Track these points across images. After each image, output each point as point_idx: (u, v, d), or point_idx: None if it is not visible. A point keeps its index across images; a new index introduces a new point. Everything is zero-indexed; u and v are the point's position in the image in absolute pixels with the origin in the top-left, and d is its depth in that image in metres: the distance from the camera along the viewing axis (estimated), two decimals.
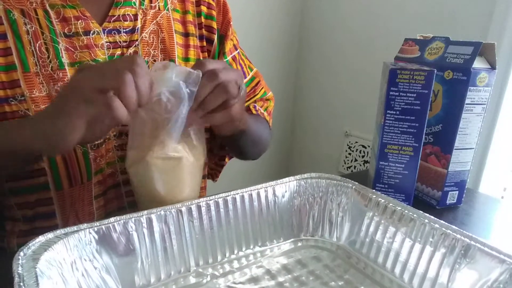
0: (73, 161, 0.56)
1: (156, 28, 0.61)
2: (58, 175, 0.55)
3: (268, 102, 0.79)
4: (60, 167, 0.55)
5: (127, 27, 0.59)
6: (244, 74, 0.74)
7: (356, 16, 1.69)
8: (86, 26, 0.56)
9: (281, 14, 1.87)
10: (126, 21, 0.59)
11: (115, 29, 0.58)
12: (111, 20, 0.58)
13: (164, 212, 0.43)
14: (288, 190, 0.52)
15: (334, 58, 1.83)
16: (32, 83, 0.53)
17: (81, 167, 0.56)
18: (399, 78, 0.56)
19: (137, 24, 0.60)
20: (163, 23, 0.62)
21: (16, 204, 0.57)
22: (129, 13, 0.59)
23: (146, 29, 0.61)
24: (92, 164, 0.57)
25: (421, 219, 0.44)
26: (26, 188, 0.55)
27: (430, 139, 0.64)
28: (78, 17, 0.55)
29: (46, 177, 0.55)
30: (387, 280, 0.45)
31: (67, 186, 0.56)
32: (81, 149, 0.56)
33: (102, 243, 0.39)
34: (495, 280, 0.38)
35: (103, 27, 0.57)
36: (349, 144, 1.82)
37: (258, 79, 0.77)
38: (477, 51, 0.57)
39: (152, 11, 0.61)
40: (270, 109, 0.79)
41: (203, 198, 0.46)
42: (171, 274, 0.44)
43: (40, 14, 0.54)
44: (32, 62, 0.53)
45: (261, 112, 0.75)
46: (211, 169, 0.78)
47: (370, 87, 1.62)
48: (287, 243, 0.52)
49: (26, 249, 0.34)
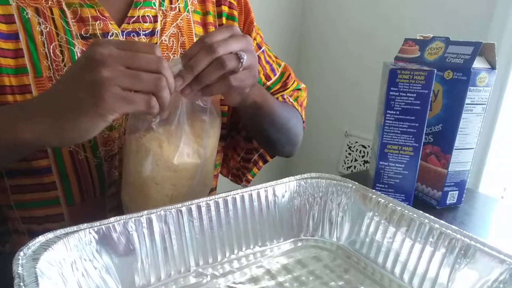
0: (86, 174, 0.53)
1: (176, 31, 0.58)
2: (70, 189, 0.53)
3: (299, 92, 0.75)
4: (72, 180, 0.52)
5: (147, 29, 0.56)
6: (274, 71, 0.71)
7: (356, 16, 1.69)
8: (105, 28, 0.53)
9: (281, 14, 1.87)
10: (145, 23, 0.56)
11: (134, 31, 0.55)
12: (130, 22, 0.55)
13: (164, 212, 0.43)
14: (288, 190, 0.52)
15: (334, 58, 1.83)
16: (44, 88, 0.50)
17: (94, 180, 0.54)
18: (399, 78, 0.56)
19: (156, 27, 0.57)
20: (183, 26, 0.59)
21: (22, 218, 0.54)
22: (148, 14, 0.56)
23: (166, 32, 0.58)
24: (106, 176, 0.55)
25: (421, 219, 0.44)
26: (35, 202, 0.53)
27: (430, 139, 0.64)
28: (96, 17, 0.52)
29: (57, 191, 0.52)
30: (387, 280, 0.45)
31: (79, 200, 0.53)
32: (95, 161, 0.53)
33: (102, 243, 0.39)
34: (495, 280, 0.38)
35: (122, 28, 0.54)
36: (349, 144, 1.82)
37: (289, 73, 0.73)
38: (477, 51, 0.57)
39: (172, 13, 0.58)
40: (302, 99, 0.74)
41: (203, 198, 0.46)
42: (171, 274, 0.44)
43: (55, 14, 0.50)
44: (45, 66, 0.50)
45: (289, 101, 0.71)
46: (237, 170, 0.74)
47: (370, 87, 1.62)
48: (287, 243, 0.52)
49: (26, 249, 0.34)
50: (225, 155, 0.74)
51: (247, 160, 0.73)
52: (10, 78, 0.49)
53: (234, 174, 0.76)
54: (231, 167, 0.75)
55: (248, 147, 0.72)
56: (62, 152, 0.52)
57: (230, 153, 0.74)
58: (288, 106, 0.69)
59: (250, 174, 0.74)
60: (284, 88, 0.72)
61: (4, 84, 0.49)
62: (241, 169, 0.74)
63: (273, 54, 0.73)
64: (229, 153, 0.74)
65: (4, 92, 0.49)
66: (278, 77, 0.72)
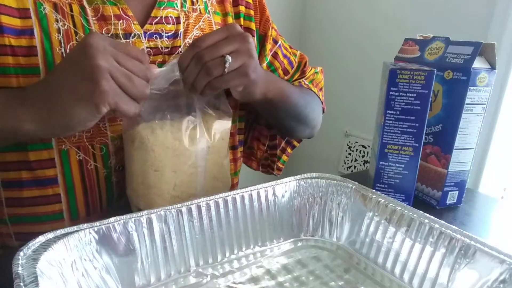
0: (93, 185, 0.51)
1: (199, 34, 0.57)
2: (75, 202, 0.50)
3: (315, 75, 0.74)
4: (78, 192, 0.50)
5: (169, 31, 0.54)
6: (291, 63, 0.71)
7: (356, 16, 1.69)
8: (127, 28, 0.50)
9: (281, 14, 1.87)
10: (168, 24, 0.54)
11: (156, 32, 0.53)
12: (153, 22, 0.52)
13: (164, 212, 0.43)
14: (288, 190, 0.52)
15: (334, 58, 1.83)
16: None
17: (102, 192, 0.52)
18: (399, 78, 0.56)
19: (179, 28, 0.55)
20: (205, 28, 0.58)
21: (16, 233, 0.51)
22: (171, 15, 0.54)
23: (189, 35, 0.56)
24: (114, 188, 0.53)
25: (421, 219, 0.44)
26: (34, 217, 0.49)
27: (430, 139, 0.64)
28: (119, 16, 0.49)
29: (61, 204, 0.50)
30: (387, 280, 0.45)
31: (83, 214, 0.51)
32: (104, 172, 0.51)
33: (102, 243, 0.39)
34: (495, 280, 0.37)
35: (144, 29, 0.52)
36: (349, 144, 1.82)
37: (305, 61, 0.73)
38: (477, 51, 0.57)
39: (194, 14, 0.57)
40: (318, 81, 0.74)
41: (203, 198, 0.46)
42: (171, 274, 0.44)
43: (75, 11, 0.47)
44: None
45: (305, 84, 0.70)
46: (266, 160, 0.73)
47: (370, 87, 1.62)
48: (287, 243, 0.52)
49: (26, 249, 0.34)
50: (251, 148, 0.73)
51: (273, 147, 0.72)
52: (19, 79, 0.46)
53: (264, 165, 0.75)
54: (259, 158, 0.74)
55: (272, 134, 0.71)
56: (70, 161, 0.50)
57: (256, 144, 0.73)
58: (305, 91, 0.68)
59: (280, 162, 0.74)
60: (302, 76, 0.72)
61: (12, 86, 0.46)
62: (270, 158, 0.74)
63: (288, 45, 0.72)
64: (254, 145, 0.73)
65: None
66: (296, 67, 0.72)
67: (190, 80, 0.47)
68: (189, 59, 0.46)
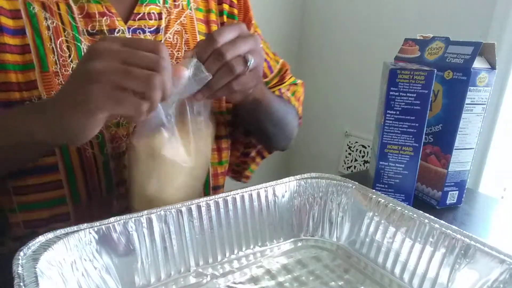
0: (93, 171, 0.52)
1: (180, 29, 0.59)
2: (76, 187, 0.52)
3: (296, 87, 0.75)
4: (79, 178, 0.52)
5: (152, 26, 0.56)
6: (271, 68, 0.72)
7: (356, 16, 1.69)
8: (111, 24, 0.53)
9: (281, 13, 1.87)
10: (151, 20, 0.56)
11: (140, 28, 0.55)
12: (136, 19, 0.55)
13: (164, 212, 0.43)
14: (288, 190, 0.52)
15: (334, 58, 1.83)
16: (50, 84, 0.49)
17: (101, 178, 0.53)
18: (399, 78, 0.56)
19: (161, 24, 0.57)
20: (187, 23, 0.60)
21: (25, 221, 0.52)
22: (153, 11, 0.57)
23: (170, 30, 0.58)
24: (113, 175, 0.54)
25: (421, 219, 0.44)
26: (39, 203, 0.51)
27: (430, 139, 0.64)
28: (103, 13, 0.52)
29: (63, 190, 0.51)
30: (387, 280, 0.45)
31: (85, 199, 0.53)
32: (102, 159, 0.53)
33: (102, 243, 0.39)
34: (495, 280, 0.37)
35: (128, 25, 0.54)
36: (349, 144, 1.82)
37: (286, 68, 0.74)
38: (477, 51, 0.57)
39: (176, 10, 0.59)
40: (299, 95, 0.74)
41: (203, 198, 0.46)
42: (171, 274, 0.44)
43: (62, 9, 0.50)
44: (51, 61, 0.49)
45: (286, 96, 0.71)
46: (237, 166, 0.74)
47: (370, 87, 1.62)
48: (287, 243, 0.52)
49: (26, 249, 0.34)
50: None
51: (246, 154, 0.73)
52: (17, 75, 0.48)
53: (234, 171, 0.76)
54: (230, 163, 0.75)
55: (247, 141, 0.72)
56: (69, 149, 0.52)
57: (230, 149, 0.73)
58: (285, 101, 0.70)
59: (248, 170, 0.75)
60: (281, 82, 0.73)
61: (11, 81, 0.48)
62: (241, 165, 0.74)
63: (271, 52, 0.74)
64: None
65: (11, 89, 0.49)
66: (275, 73, 0.72)
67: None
68: (208, 54, 0.44)
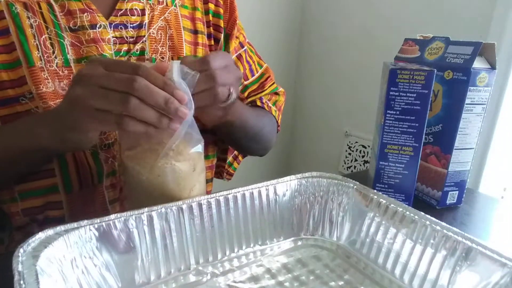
0: (83, 162, 0.54)
1: (164, 25, 0.60)
2: (68, 176, 0.54)
3: (277, 97, 0.77)
4: (70, 168, 0.53)
5: (134, 22, 0.57)
6: (252, 71, 0.72)
7: (356, 16, 1.69)
8: (92, 20, 0.54)
9: (281, 13, 1.87)
10: (133, 16, 0.57)
11: (122, 23, 0.56)
12: (117, 14, 0.56)
13: (165, 209, 0.43)
14: (289, 189, 0.52)
15: (334, 58, 1.83)
16: (38, 78, 0.51)
17: (92, 168, 0.55)
18: (399, 78, 0.56)
19: (144, 20, 0.58)
20: (171, 19, 0.61)
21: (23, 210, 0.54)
22: (136, 7, 0.57)
23: (154, 25, 0.59)
24: (103, 165, 0.55)
25: (422, 221, 0.44)
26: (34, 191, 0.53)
27: (430, 139, 0.64)
28: (83, 10, 0.53)
29: (55, 178, 0.53)
30: (387, 281, 0.45)
31: (77, 188, 0.54)
32: (90, 150, 0.54)
33: (102, 240, 0.39)
34: (495, 283, 0.37)
35: (110, 21, 0.55)
36: (349, 144, 1.82)
37: (268, 75, 0.75)
38: (477, 51, 0.57)
39: (160, 7, 0.60)
40: (280, 104, 0.76)
41: (204, 196, 0.46)
42: (171, 272, 0.44)
43: (43, 8, 0.52)
44: (36, 56, 0.51)
45: (267, 106, 0.73)
46: (216, 167, 0.76)
47: (370, 87, 1.62)
48: (287, 242, 0.52)
49: (25, 246, 0.34)
50: None
51: (223, 159, 0.75)
52: (8, 73, 0.50)
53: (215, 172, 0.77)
54: None
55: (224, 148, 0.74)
56: None
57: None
58: (263, 113, 0.71)
59: (231, 168, 0.76)
60: (261, 89, 0.73)
61: (4, 79, 0.51)
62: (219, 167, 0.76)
63: (255, 55, 0.75)
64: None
65: (5, 87, 0.51)
66: (256, 77, 0.73)
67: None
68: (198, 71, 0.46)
